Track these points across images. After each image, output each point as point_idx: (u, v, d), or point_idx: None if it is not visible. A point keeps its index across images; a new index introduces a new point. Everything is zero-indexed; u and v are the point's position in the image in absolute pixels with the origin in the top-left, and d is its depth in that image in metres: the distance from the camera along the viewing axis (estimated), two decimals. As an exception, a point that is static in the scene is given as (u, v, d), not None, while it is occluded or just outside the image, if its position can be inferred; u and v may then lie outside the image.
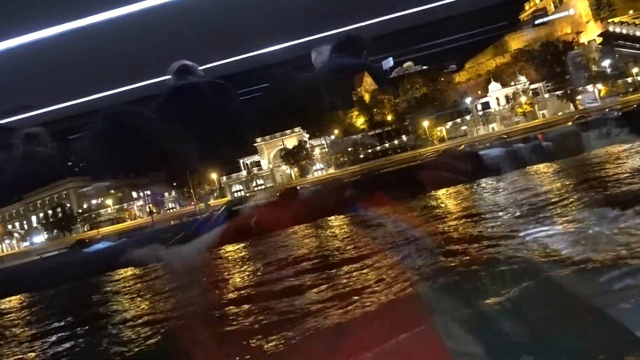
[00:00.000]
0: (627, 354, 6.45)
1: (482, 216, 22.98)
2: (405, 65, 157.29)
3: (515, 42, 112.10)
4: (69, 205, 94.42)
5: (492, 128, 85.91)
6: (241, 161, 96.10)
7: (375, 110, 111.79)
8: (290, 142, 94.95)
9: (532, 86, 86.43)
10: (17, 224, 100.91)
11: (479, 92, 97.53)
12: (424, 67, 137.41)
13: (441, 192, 41.91)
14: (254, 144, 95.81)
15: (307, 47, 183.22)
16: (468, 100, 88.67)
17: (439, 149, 69.68)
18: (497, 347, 7.33)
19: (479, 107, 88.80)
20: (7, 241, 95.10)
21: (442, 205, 33.47)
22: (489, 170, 46.04)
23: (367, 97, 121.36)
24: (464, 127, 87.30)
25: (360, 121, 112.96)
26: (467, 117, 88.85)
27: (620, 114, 56.57)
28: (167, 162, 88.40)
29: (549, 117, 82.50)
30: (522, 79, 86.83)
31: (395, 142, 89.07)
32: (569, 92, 79.85)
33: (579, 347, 6.96)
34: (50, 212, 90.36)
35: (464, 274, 12.60)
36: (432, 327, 8.48)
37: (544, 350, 7.11)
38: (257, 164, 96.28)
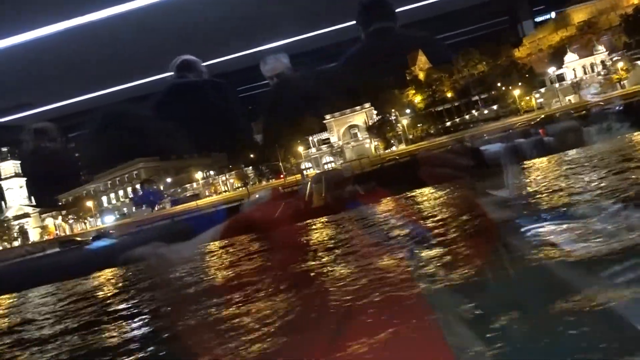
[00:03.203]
0: (631, 349, 6.33)
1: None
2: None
3: (579, 14, 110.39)
4: (138, 184, 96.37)
5: (569, 100, 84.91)
6: (310, 138, 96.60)
7: (434, 87, 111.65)
8: (360, 118, 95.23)
9: (611, 55, 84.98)
10: (88, 203, 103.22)
11: (546, 65, 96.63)
12: None
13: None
14: (323, 121, 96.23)
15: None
16: (551, 70, 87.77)
17: (531, 118, 69.26)
18: (500, 343, 7.28)
19: (555, 78, 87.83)
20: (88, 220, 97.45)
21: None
22: (490, 166, 46.14)
23: (421, 75, 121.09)
24: (540, 100, 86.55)
25: (418, 99, 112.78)
26: (542, 90, 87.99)
27: (621, 107, 56.25)
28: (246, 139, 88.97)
29: (628, 88, 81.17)
30: (601, 48, 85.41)
31: (479, 112, 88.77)
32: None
33: (581, 343, 6.86)
34: (130, 189, 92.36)
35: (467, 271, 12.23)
36: (434, 323, 8.44)
37: (546, 347, 7.05)
38: (326, 141, 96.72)
